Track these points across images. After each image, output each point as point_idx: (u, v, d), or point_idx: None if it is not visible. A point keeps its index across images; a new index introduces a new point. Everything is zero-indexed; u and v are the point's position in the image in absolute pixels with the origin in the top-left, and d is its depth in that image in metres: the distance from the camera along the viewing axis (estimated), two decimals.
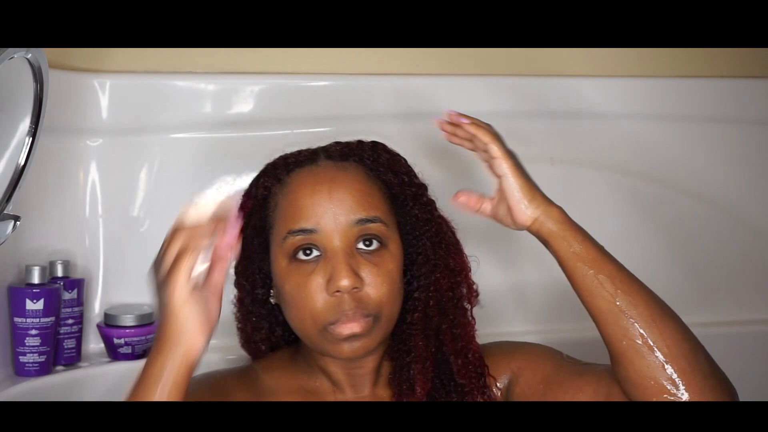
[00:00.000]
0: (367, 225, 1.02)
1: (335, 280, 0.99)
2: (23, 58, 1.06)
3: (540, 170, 1.65)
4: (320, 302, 1.00)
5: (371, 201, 1.03)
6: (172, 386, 0.88)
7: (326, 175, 1.04)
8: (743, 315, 1.75)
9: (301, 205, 1.02)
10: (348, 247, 1.01)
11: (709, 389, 0.97)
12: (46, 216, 1.49)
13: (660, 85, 1.72)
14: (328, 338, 1.01)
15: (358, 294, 1.00)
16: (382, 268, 1.01)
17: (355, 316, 0.99)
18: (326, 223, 1.01)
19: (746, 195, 1.76)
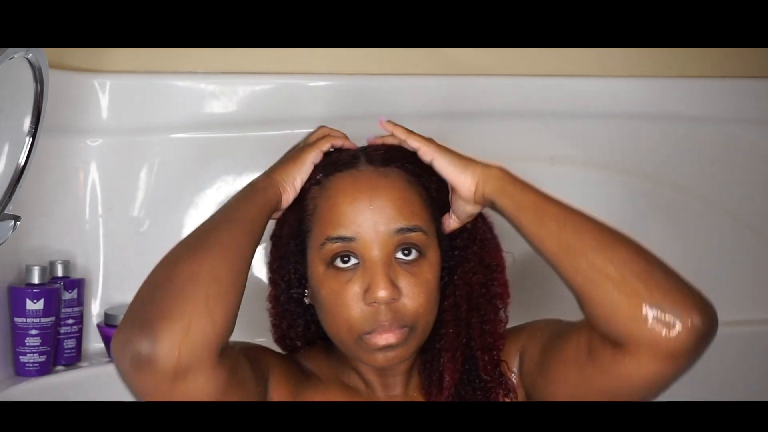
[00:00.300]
0: (407, 234, 0.99)
1: (373, 291, 0.97)
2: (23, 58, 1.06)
3: (540, 170, 1.67)
4: (357, 312, 0.98)
5: (412, 209, 1.01)
6: (261, 222, 1.01)
7: (367, 182, 1.01)
8: (743, 315, 1.75)
9: (341, 212, 1.00)
10: (387, 257, 0.99)
11: (670, 306, 0.93)
12: (46, 216, 1.49)
13: (660, 85, 1.72)
14: (363, 347, 1.00)
15: (395, 305, 0.98)
16: (420, 278, 1.00)
17: (391, 327, 0.98)
18: (365, 232, 0.98)
19: (745, 195, 1.76)
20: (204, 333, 0.90)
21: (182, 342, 0.89)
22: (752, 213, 1.76)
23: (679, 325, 0.93)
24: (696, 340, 0.94)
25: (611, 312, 0.94)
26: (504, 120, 1.65)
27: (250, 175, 1.56)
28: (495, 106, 1.65)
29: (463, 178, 1.03)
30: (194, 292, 0.92)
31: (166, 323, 0.89)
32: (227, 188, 1.58)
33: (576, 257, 0.98)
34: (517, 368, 1.08)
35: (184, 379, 0.89)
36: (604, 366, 0.96)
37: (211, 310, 0.92)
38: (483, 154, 1.61)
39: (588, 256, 0.97)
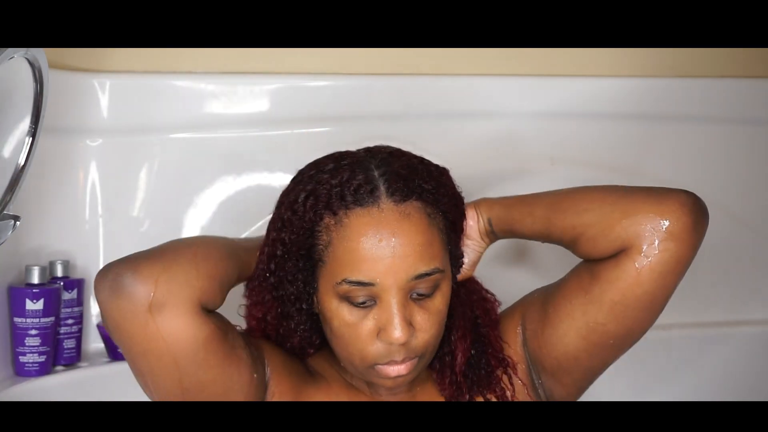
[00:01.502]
0: (425, 278, 0.99)
1: (389, 333, 0.97)
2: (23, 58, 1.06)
3: (540, 170, 1.67)
4: (371, 347, 0.99)
5: (432, 252, 0.99)
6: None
7: (389, 226, 0.98)
8: (743, 315, 1.75)
9: (361, 257, 0.97)
10: (404, 298, 0.98)
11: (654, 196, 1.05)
12: (46, 216, 1.49)
13: (660, 85, 1.72)
14: (374, 374, 1.02)
15: (410, 340, 0.99)
16: (433, 312, 1.01)
17: (404, 362, 1.00)
18: (386, 279, 0.97)
19: (745, 195, 1.76)
20: (185, 275, 0.95)
21: (160, 276, 0.94)
22: (752, 213, 1.76)
23: (667, 204, 1.02)
24: (689, 212, 1.05)
25: (606, 230, 1.01)
26: (504, 120, 1.65)
27: (250, 175, 1.59)
28: (495, 106, 1.65)
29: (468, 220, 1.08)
30: (184, 248, 0.99)
31: (149, 259, 0.97)
32: (227, 188, 1.58)
33: (564, 214, 1.04)
34: (521, 338, 1.10)
35: (159, 313, 0.93)
36: (610, 276, 1.01)
37: (198, 263, 0.97)
38: (483, 154, 1.63)
39: (571, 209, 1.05)
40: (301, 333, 1.07)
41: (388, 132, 1.18)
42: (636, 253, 0.99)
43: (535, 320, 1.09)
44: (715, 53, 1.75)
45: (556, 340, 1.06)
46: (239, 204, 1.58)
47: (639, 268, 0.99)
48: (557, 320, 1.05)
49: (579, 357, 1.06)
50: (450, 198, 1.04)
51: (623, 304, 1.01)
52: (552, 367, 1.08)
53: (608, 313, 1.02)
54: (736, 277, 1.76)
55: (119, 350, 1.47)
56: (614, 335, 1.04)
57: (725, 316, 1.75)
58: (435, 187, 1.02)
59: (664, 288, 1.02)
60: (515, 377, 1.09)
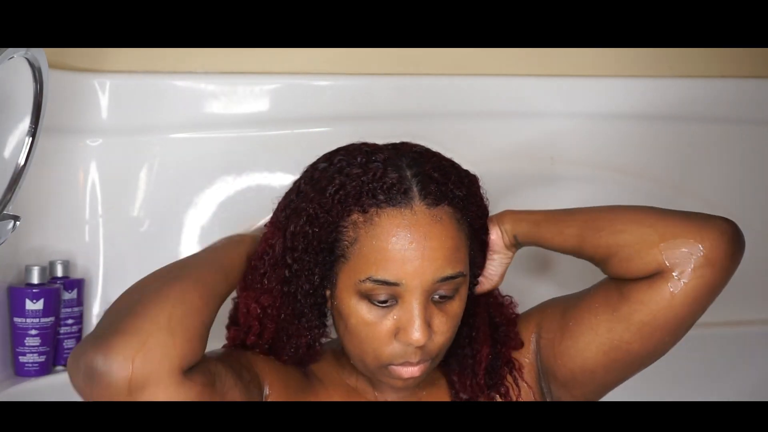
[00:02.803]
0: (450, 281, 0.99)
1: (409, 334, 0.97)
2: (23, 58, 1.06)
3: (540, 170, 1.67)
4: (387, 347, 0.99)
5: (458, 256, 1.00)
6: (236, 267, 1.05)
7: (421, 229, 0.97)
8: (743, 315, 1.75)
9: (390, 257, 0.96)
10: (426, 300, 0.98)
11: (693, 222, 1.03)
12: (46, 216, 1.49)
13: (660, 85, 1.72)
14: (386, 373, 1.01)
15: (426, 343, 0.99)
16: (451, 315, 1.01)
17: (419, 364, 1.00)
18: (412, 280, 0.97)
19: (746, 195, 1.76)
20: (163, 348, 0.88)
21: (136, 355, 0.87)
22: (752, 213, 1.76)
23: (707, 231, 1.01)
24: (728, 240, 1.05)
25: (642, 252, 1.00)
26: (504, 120, 1.65)
27: (250, 175, 1.59)
28: (495, 106, 1.65)
29: (491, 235, 1.08)
30: (157, 311, 0.91)
31: (121, 337, 0.88)
32: (227, 188, 1.58)
33: (599, 234, 1.03)
34: (533, 346, 1.10)
35: (141, 393, 0.88)
36: (642, 298, 1.01)
37: (173, 329, 0.90)
38: (483, 154, 1.63)
39: (607, 228, 1.03)
40: (310, 332, 1.04)
41: (388, 132, 1.18)
42: (671, 276, 1.00)
43: (553, 330, 1.08)
44: (715, 53, 1.75)
45: (574, 353, 1.06)
46: (239, 204, 1.58)
47: (673, 292, 1.00)
48: (578, 333, 1.05)
49: (596, 371, 1.06)
50: (478, 207, 1.05)
51: (652, 325, 1.02)
52: (565, 378, 1.08)
53: (635, 333, 1.02)
54: (737, 277, 1.76)
55: None
56: (637, 354, 1.05)
57: (726, 317, 1.75)
58: (466, 195, 1.02)
59: (694, 313, 1.04)
60: (521, 380, 1.09)
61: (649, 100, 1.71)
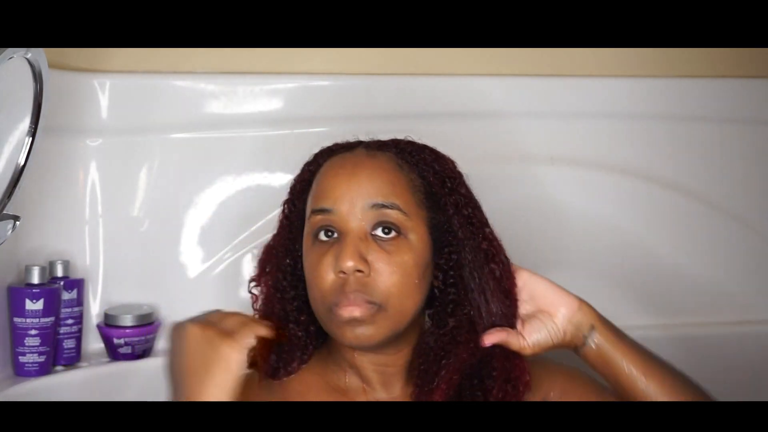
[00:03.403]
0: (384, 211, 1.02)
1: (340, 260, 0.99)
2: (23, 58, 1.06)
3: (540, 170, 1.67)
4: (328, 282, 1.01)
5: (393, 189, 1.03)
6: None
7: (354, 160, 1.05)
8: (744, 315, 1.75)
9: (324, 186, 1.04)
10: (361, 231, 1.01)
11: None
12: (46, 216, 1.49)
13: (660, 85, 1.72)
14: (333, 320, 1.01)
15: (365, 279, 1.00)
16: (394, 257, 1.01)
17: (355, 300, 0.99)
18: (343, 205, 1.01)
19: (746, 195, 1.76)
20: None
21: None
22: (752, 213, 1.76)
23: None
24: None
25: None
26: (504, 120, 1.65)
27: (249, 175, 1.59)
28: (495, 106, 1.65)
29: (568, 297, 1.08)
30: None
31: None
32: (227, 188, 1.58)
33: (640, 391, 1.06)
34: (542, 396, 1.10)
35: None
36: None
37: None
38: (483, 154, 1.63)
39: (650, 389, 1.06)
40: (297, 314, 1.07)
41: (388, 132, 1.18)
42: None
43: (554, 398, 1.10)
44: (715, 53, 1.75)
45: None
46: (239, 204, 1.58)
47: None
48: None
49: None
50: (435, 174, 1.07)
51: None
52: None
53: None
54: (737, 277, 1.76)
55: (119, 350, 1.48)
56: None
57: (726, 317, 1.75)
58: (415, 156, 1.07)
59: None
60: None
61: (649, 100, 1.71)
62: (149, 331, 1.49)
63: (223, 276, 1.57)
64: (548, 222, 1.67)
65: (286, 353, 1.08)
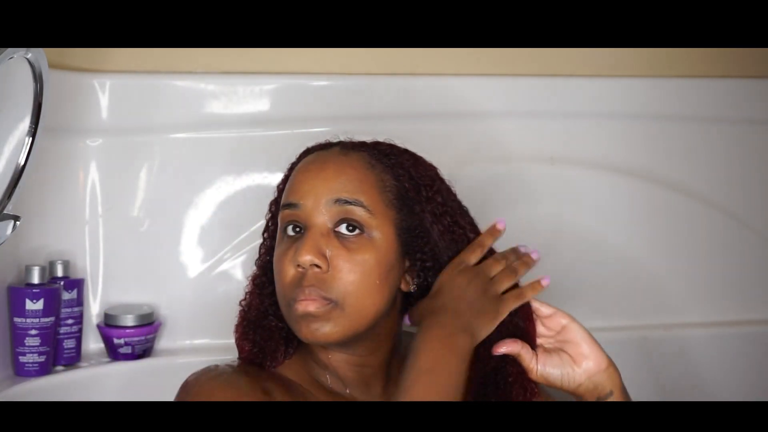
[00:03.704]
0: (347, 207, 1.01)
1: (297, 254, 0.99)
2: (23, 58, 1.06)
3: (540, 170, 1.67)
4: (289, 276, 1.01)
5: (360, 187, 1.02)
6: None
7: (325, 158, 1.05)
8: (744, 315, 1.75)
9: (294, 181, 1.05)
10: (323, 226, 1.01)
11: None
12: (46, 216, 1.49)
13: (660, 85, 1.72)
14: (292, 316, 1.01)
15: (322, 275, 0.99)
16: (355, 255, 1.00)
17: (310, 295, 0.99)
18: (308, 200, 1.02)
19: (746, 195, 1.76)
20: None
21: None
22: (752, 213, 1.76)
23: None
24: None
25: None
26: (504, 120, 1.65)
27: (250, 175, 1.59)
28: (495, 106, 1.65)
29: (600, 355, 1.05)
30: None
31: None
32: (227, 188, 1.58)
33: None
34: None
35: None
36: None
37: None
38: (483, 153, 1.63)
39: None
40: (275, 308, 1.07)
41: (387, 132, 1.18)
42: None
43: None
44: (715, 53, 1.75)
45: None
46: (239, 204, 1.58)
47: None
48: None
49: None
50: (412, 181, 1.05)
51: None
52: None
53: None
54: (737, 277, 1.77)
55: (119, 350, 1.48)
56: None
57: (726, 316, 1.75)
58: (391, 158, 1.06)
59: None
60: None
61: (649, 100, 1.71)
62: (149, 331, 1.49)
63: (223, 276, 1.57)
64: (548, 222, 1.67)
65: (270, 344, 1.07)
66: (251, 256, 1.56)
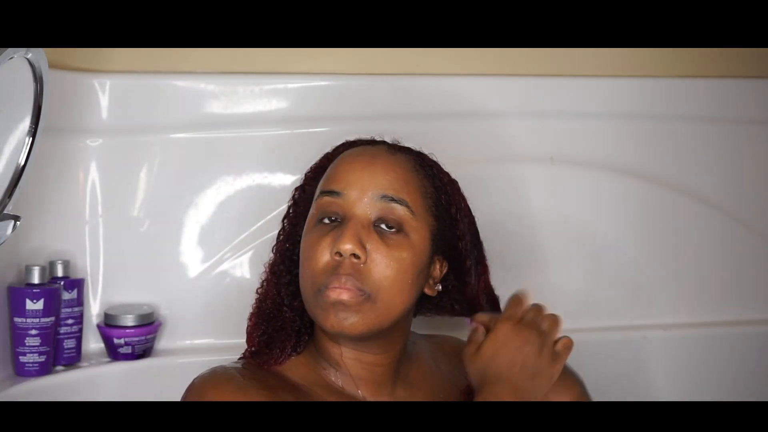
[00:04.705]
0: (392, 204, 1.02)
1: (338, 242, 0.99)
2: (23, 58, 1.06)
3: (540, 170, 1.67)
4: (322, 262, 1.01)
5: (406, 187, 1.04)
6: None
7: (373, 153, 1.06)
8: (743, 315, 1.75)
9: (339, 170, 1.05)
10: (365, 218, 1.01)
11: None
12: (46, 216, 1.49)
13: (660, 85, 1.72)
14: (320, 303, 1.00)
15: (359, 266, 0.99)
16: (393, 251, 1.01)
17: (346, 284, 0.99)
18: (353, 190, 1.02)
19: (746, 195, 1.76)
20: None
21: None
22: (752, 213, 1.76)
23: None
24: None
25: None
26: (504, 120, 1.65)
27: (249, 175, 1.59)
28: (495, 106, 1.65)
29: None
30: None
31: None
32: (227, 188, 1.58)
33: None
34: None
35: None
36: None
37: None
38: (483, 153, 1.63)
39: None
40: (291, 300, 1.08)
41: (388, 132, 1.18)
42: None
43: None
44: (715, 53, 1.75)
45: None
46: (239, 204, 1.58)
47: None
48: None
49: None
50: (448, 197, 1.08)
51: None
52: None
53: None
54: (737, 277, 1.76)
55: (119, 350, 1.48)
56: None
57: (726, 316, 1.75)
58: (433, 170, 1.09)
59: None
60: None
61: (649, 100, 1.71)
62: (149, 331, 1.49)
63: (223, 276, 1.57)
64: (548, 222, 1.67)
65: (280, 335, 1.07)
66: (251, 256, 1.57)
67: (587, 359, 1.20)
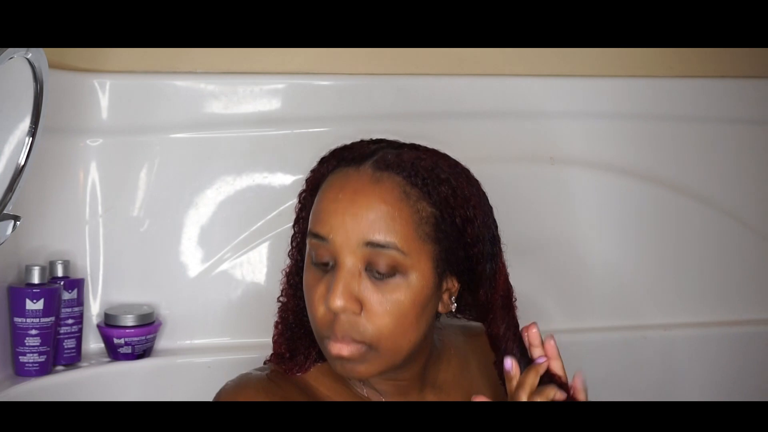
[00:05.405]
0: (378, 250, 0.94)
1: (329, 299, 0.94)
2: (23, 58, 1.06)
3: (540, 170, 1.67)
4: (320, 313, 0.96)
5: (391, 225, 0.94)
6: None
7: (356, 184, 0.96)
8: (743, 315, 1.75)
9: (322, 209, 0.97)
10: (354, 267, 0.95)
11: None
12: (46, 216, 1.49)
13: (660, 85, 1.72)
14: (326, 351, 0.98)
15: (355, 319, 0.94)
16: (389, 296, 0.95)
17: (343, 339, 0.95)
18: (337, 237, 0.94)
19: (746, 195, 1.76)
20: None
21: None
22: (752, 213, 1.76)
23: None
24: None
25: None
26: (504, 120, 1.66)
27: (249, 175, 1.59)
28: (495, 106, 1.65)
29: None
30: None
31: None
32: (227, 188, 1.58)
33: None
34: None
35: None
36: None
37: None
38: (483, 153, 1.63)
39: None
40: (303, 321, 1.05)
41: (387, 132, 1.18)
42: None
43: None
44: (715, 53, 1.75)
45: None
46: (239, 204, 1.58)
47: None
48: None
49: None
50: (450, 210, 0.98)
51: None
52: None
53: None
54: (737, 277, 1.77)
55: (119, 350, 1.48)
56: None
57: (726, 316, 1.75)
58: (430, 176, 0.97)
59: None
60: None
61: (649, 100, 1.71)
62: (149, 331, 1.49)
63: (223, 276, 1.57)
64: (548, 221, 1.67)
65: (303, 342, 1.05)
66: (251, 256, 1.57)
67: (587, 359, 1.20)
